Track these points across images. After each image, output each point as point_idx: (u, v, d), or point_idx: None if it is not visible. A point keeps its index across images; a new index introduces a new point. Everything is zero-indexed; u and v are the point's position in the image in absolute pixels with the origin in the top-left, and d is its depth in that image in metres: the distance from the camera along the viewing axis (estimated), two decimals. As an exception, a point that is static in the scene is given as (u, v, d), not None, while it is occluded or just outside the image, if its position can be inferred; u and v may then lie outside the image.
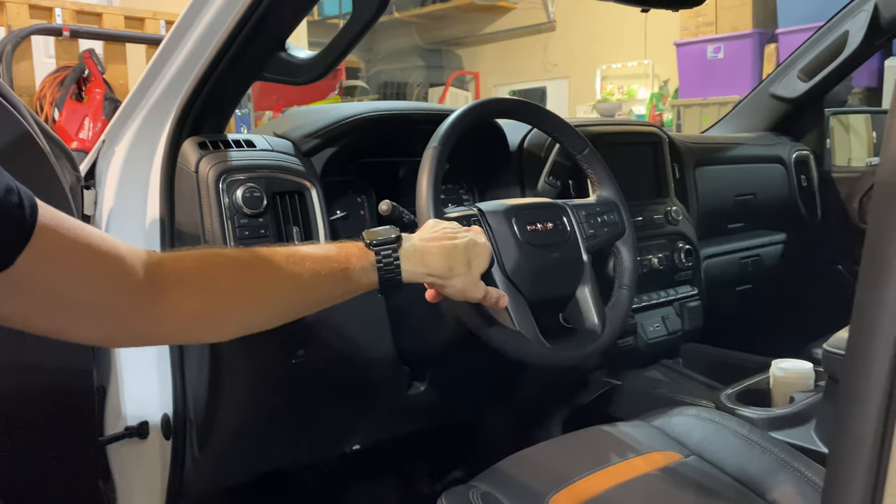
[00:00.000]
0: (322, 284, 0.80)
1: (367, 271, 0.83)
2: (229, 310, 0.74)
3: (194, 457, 1.13)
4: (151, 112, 1.11)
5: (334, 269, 0.80)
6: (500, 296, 0.96)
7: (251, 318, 0.77)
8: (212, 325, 0.74)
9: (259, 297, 0.76)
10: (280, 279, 0.77)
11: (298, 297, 0.80)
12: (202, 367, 1.08)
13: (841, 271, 1.98)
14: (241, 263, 0.76)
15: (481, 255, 0.93)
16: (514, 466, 1.03)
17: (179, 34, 1.03)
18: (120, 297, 0.64)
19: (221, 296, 0.73)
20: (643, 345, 1.46)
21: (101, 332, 0.67)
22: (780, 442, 1.04)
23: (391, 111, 1.22)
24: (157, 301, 0.66)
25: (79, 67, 3.32)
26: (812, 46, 1.92)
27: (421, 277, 0.89)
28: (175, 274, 0.69)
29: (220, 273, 0.73)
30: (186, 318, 0.70)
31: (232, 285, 0.74)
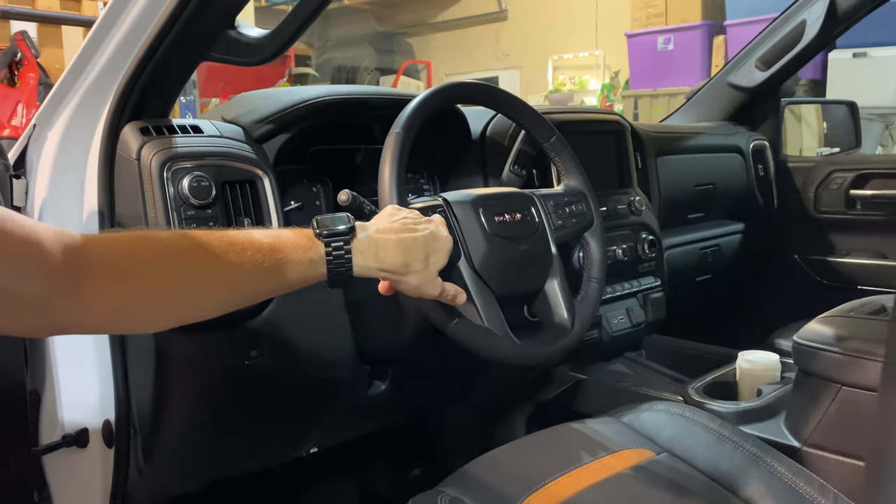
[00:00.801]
0: (264, 276, 0.74)
1: (315, 264, 0.78)
2: (161, 300, 0.69)
3: (139, 465, 1.05)
4: (88, 94, 1.02)
5: (279, 260, 0.75)
6: (457, 292, 0.91)
7: (185, 309, 0.72)
8: (141, 315, 0.69)
9: (194, 287, 0.71)
10: (219, 269, 0.72)
11: (237, 288, 0.74)
12: (147, 369, 1.00)
13: (797, 261, 1.99)
14: (176, 250, 0.70)
15: (441, 251, 0.88)
16: (483, 469, 0.98)
17: (118, 8, 0.94)
18: (38, 285, 0.60)
19: (152, 284, 0.68)
20: (607, 338, 1.43)
21: (23, 322, 0.63)
22: (751, 437, 1.02)
23: (348, 95, 1.16)
24: (79, 288, 0.62)
25: (10, 51, 3.15)
26: (769, 35, 1.92)
27: (374, 272, 0.84)
28: (101, 259, 0.65)
29: (153, 260, 0.68)
30: (113, 307, 0.66)
31: (165, 274, 0.69)
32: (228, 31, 0.93)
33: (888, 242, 1.87)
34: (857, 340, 1.03)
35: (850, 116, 2.24)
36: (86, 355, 1.08)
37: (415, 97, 1.02)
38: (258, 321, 1.02)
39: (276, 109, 1.08)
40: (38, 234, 0.60)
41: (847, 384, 1.02)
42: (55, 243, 0.61)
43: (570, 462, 0.97)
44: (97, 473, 1.09)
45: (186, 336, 0.97)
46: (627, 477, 0.96)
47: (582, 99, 6.46)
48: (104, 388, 1.05)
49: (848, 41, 3.96)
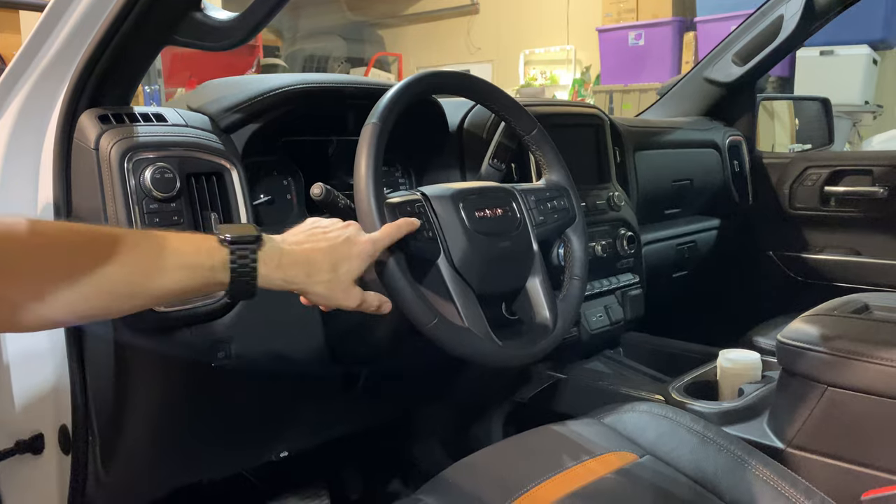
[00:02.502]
0: (156, 279, 0.69)
1: (216, 271, 0.73)
2: (29, 298, 0.63)
3: (98, 473, 0.99)
4: (42, 79, 0.95)
5: (175, 265, 0.70)
6: (381, 302, 0.86)
7: (60, 310, 0.65)
8: (10, 312, 0.62)
9: (73, 287, 0.64)
10: (105, 268, 0.66)
11: (126, 289, 0.68)
12: (107, 370, 0.95)
13: (772, 257, 1.99)
14: (55, 244, 0.65)
15: (355, 258, 0.82)
16: (463, 475, 0.95)
17: (74, -13, 0.88)
18: None
19: (19, 281, 0.62)
20: (586, 336, 1.40)
21: None
22: (735, 438, 1.00)
23: (322, 83, 1.10)
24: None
25: (-36, 35, 3.03)
26: (746, 30, 1.90)
27: (279, 284, 0.78)
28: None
29: (25, 253, 0.62)
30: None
31: (37, 269, 0.63)
32: (194, 14, 0.87)
33: (862, 239, 1.88)
34: (843, 340, 1.01)
35: (823, 113, 2.24)
36: (40, 356, 1.02)
37: (392, 86, 0.97)
38: (225, 321, 0.97)
39: (245, 97, 1.03)
40: None
41: (833, 384, 1.00)
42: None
43: (553, 466, 0.94)
44: (53, 482, 1.03)
45: (149, 336, 0.92)
46: (611, 481, 0.93)
47: (553, 94, 6.46)
48: (60, 391, 1.00)
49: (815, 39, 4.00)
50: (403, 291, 0.87)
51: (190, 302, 0.92)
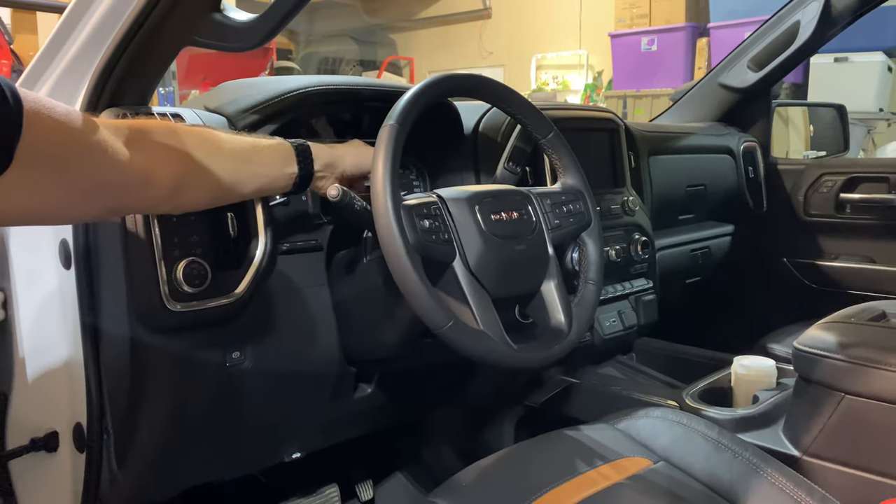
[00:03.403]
0: (256, 165, 0.88)
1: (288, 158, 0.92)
2: (203, 177, 0.81)
3: (112, 471, 1.00)
4: (62, 78, 0.96)
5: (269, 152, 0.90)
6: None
7: (217, 187, 0.84)
8: (190, 191, 0.81)
9: (218, 167, 0.83)
10: (232, 156, 0.86)
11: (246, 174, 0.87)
12: (122, 370, 0.95)
13: (786, 264, 1.98)
14: (198, 131, 0.84)
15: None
16: (475, 478, 0.94)
17: (95, -12, 0.89)
18: (111, 173, 0.69)
19: (195, 164, 0.80)
20: (599, 341, 1.40)
21: (102, 206, 0.73)
22: (750, 445, 0.99)
23: (339, 85, 1.11)
24: (140, 171, 0.73)
25: (-18, 36, 3.06)
26: (762, 36, 1.90)
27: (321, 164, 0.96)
28: (148, 142, 0.75)
29: (188, 137, 0.81)
30: (172, 183, 0.77)
31: (196, 154, 0.80)
32: (213, 14, 0.87)
33: (877, 246, 1.87)
34: (860, 348, 1.00)
35: (838, 120, 2.23)
36: (56, 354, 1.02)
37: (409, 89, 0.97)
38: (240, 322, 0.97)
39: (262, 99, 1.03)
40: (97, 124, 0.68)
41: (850, 392, 0.99)
42: (112, 129, 0.70)
43: (567, 471, 0.94)
44: (67, 479, 1.04)
45: (165, 335, 0.92)
46: (625, 487, 0.93)
47: (565, 98, 6.44)
48: (75, 390, 1.00)
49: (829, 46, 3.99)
50: (419, 293, 0.87)
51: (205, 301, 0.92)
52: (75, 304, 0.96)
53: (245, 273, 0.95)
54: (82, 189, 0.68)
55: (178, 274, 0.89)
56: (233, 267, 0.95)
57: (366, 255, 1.06)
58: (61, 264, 0.98)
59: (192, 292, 0.90)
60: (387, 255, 0.87)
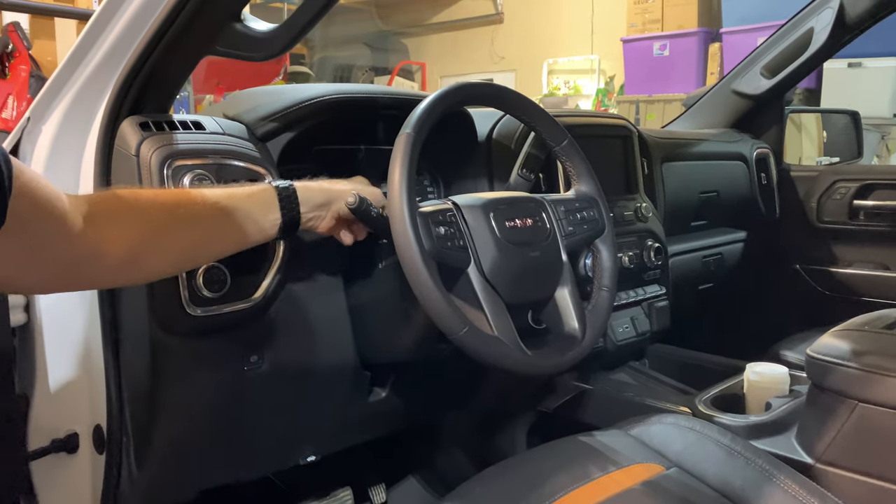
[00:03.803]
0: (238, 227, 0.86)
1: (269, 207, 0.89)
2: (164, 243, 0.79)
3: (131, 472, 1.01)
4: (85, 86, 0.98)
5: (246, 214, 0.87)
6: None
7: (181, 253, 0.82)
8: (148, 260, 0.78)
9: (188, 230, 0.81)
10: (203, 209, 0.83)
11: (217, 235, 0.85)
12: (142, 373, 0.97)
13: (799, 271, 1.98)
14: (164, 197, 0.82)
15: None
16: (488, 483, 0.95)
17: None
18: (67, 246, 0.69)
19: (156, 228, 0.78)
20: (612, 347, 1.40)
21: (54, 279, 0.73)
22: (763, 452, 1.00)
23: (357, 94, 1.12)
24: (98, 240, 0.72)
25: (2, 42, 3.10)
26: (776, 43, 1.90)
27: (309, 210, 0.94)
28: (112, 212, 0.75)
29: (152, 206, 0.79)
30: (127, 254, 0.75)
31: (164, 217, 0.79)
32: (234, 24, 0.89)
33: (892, 254, 1.86)
34: (875, 356, 1.00)
35: (852, 126, 2.23)
36: (77, 357, 1.04)
37: (425, 97, 0.99)
38: (259, 325, 0.98)
39: (281, 107, 1.04)
40: (60, 195, 0.68)
41: (864, 400, 0.99)
42: (72, 208, 0.69)
43: (579, 477, 0.94)
44: (86, 480, 1.05)
45: (184, 339, 0.93)
46: (638, 493, 0.93)
47: (576, 103, 6.45)
48: (95, 392, 1.01)
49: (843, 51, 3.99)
50: (434, 299, 0.88)
51: (224, 306, 0.94)
52: (96, 308, 0.98)
53: (263, 278, 0.97)
54: (38, 260, 0.68)
55: (199, 279, 0.90)
56: (251, 272, 0.97)
57: (381, 261, 1.07)
58: (83, 269, 0.99)
59: (212, 297, 0.92)
60: (403, 262, 0.89)
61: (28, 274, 0.68)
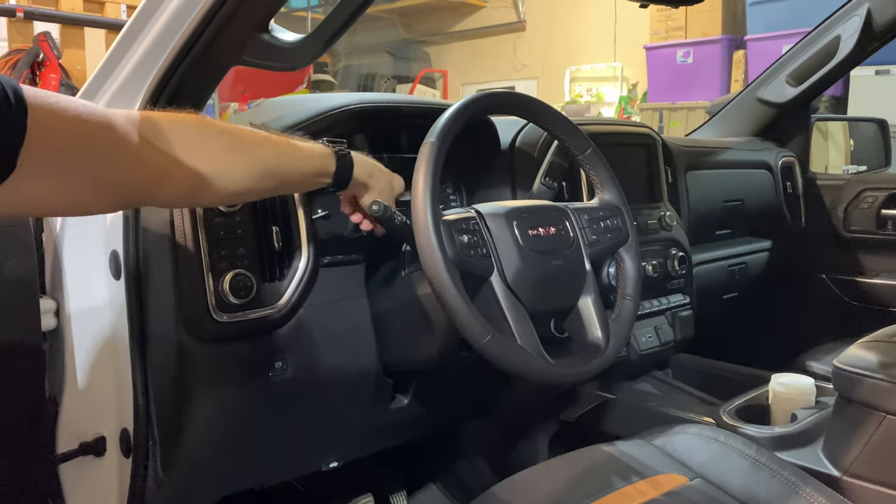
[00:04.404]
0: (290, 162, 0.88)
1: (326, 159, 0.92)
2: (225, 173, 0.79)
3: (157, 476, 1.02)
4: (116, 97, 0.99)
5: (302, 154, 0.89)
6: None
7: (231, 184, 0.81)
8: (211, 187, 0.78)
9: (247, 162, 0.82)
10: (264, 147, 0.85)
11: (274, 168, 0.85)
12: (169, 378, 0.98)
13: (825, 281, 1.95)
14: (229, 128, 0.83)
15: (396, 180, 1.04)
16: (511, 492, 0.95)
17: (150, 9, 0.92)
18: (125, 167, 0.67)
19: (218, 158, 0.78)
20: (635, 356, 1.40)
21: (114, 201, 0.72)
22: (789, 464, 0.99)
23: (382, 103, 1.13)
24: (157, 165, 0.71)
25: (33, 51, 3.15)
26: (801, 51, 1.88)
27: (358, 174, 0.96)
28: (174, 138, 0.73)
29: (216, 137, 0.79)
30: (189, 180, 0.75)
31: (225, 148, 0.79)
32: (262, 35, 0.90)
33: (920, 264, 1.83)
34: (903, 367, 0.99)
35: (879, 134, 2.20)
36: (105, 361, 1.06)
37: (449, 106, 0.99)
38: (284, 332, 0.99)
39: (307, 116, 1.06)
40: (109, 116, 0.66)
41: (892, 412, 0.98)
42: (127, 124, 0.68)
43: (603, 487, 0.94)
44: (113, 483, 1.07)
45: (211, 344, 0.95)
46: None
47: (599, 111, 6.43)
48: (123, 396, 1.03)
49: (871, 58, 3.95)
50: (458, 307, 0.88)
51: (250, 312, 0.95)
52: (124, 314, 0.99)
53: (288, 285, 0.98)
54: (93, 186, 0.66)
55: (225, 285, 0.92)
56: (277, 279, 0.98)
57: (404, 269, 1.08)
58: (111, 275, 1.01)
59: (238, 303, 0.93)
60: (426, 269, 0.89)
61: (88, 197, 0.67)
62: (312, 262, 1.00)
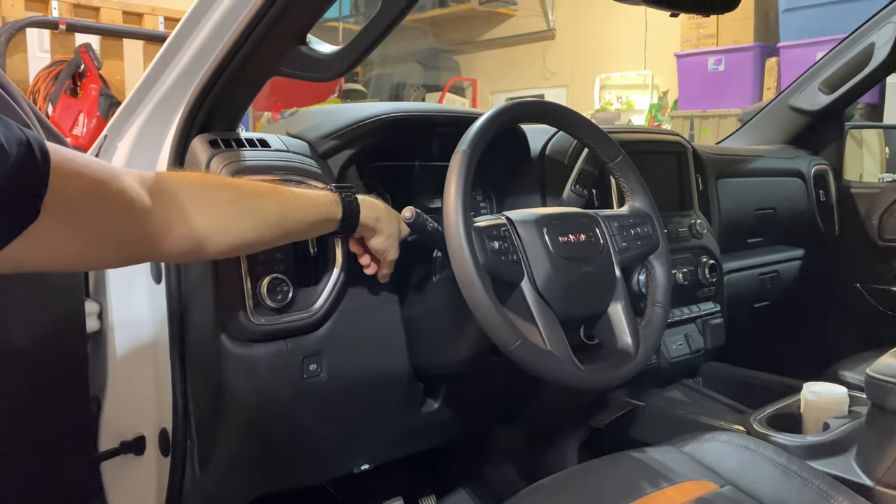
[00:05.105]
0: (294, 213, 0.89)
1: (333, 207, 0.94)
2: (225, 226, 0.82)
3: (194, 475, 1.05)
4: (158, 106, 1.04)
5: (307, 203, 0.91)
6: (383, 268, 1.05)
7: (242, 235, 0.84)
8: (211, 240, 0.80)
9: (249, 216, 0.84)
10: (268, 202, 0.87)
11: (276, 220, 0.87)
12: (207, 379, 1.01)
13: (859, 290, 1.93)
14: (235, 184, 0.87)
15: (402, 223, 1.02)
16: (539, 497, 0.96)
17: (192, 23, 0.96)
18: (131, 223, 0.71)
19: (219, 212, 0.81)
20: (665, 363, 1.39)
21: (121, 256, 0.75)
22: (820, 472, 0.98)
23: (415, 112, 1.16)
24: (162, 222, 0.74)
25: (74, 62, 3.25)
26: (835, 58, 1.87)
27: (366, 218, 0.97)
28: (178, 192, 0.77)
29: (218, 190, 0.82)
30: (188, 234, 0.77)
31: (228, 203, 0.82)
32: (300, 47, 0.93)
33: (957, 273, 1.80)
34: (938, 377, 0.98)
35: (916, 142, 2.17)
36: (145, 363, 1.09)
37: (480, 115, 1.01)
38: (318, 335, 1.02)
39: (342, 125, 1.08)
40: (121, 178, 0.69)
41: (926, 422, 0.97)
42: (136, 184, 0.71)
43: (631, 493, 0.94)
44: (152, 481, 1.10)
45: (249, 347, 0.97)
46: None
47: (629, 118, 6.40)
48: (162, 397, 1.06)
49: (908, 65, 3.89)
50: (488, 312, 0.89)
51: (286, 316, 0.97)
52: (164, 317, 1.03)
53: (323, 289, 1.01)
54: (103, 239, 0.69)
55: (262, 289, 0.94)
56: (312, 284, 1.00)
57: (435, 274, 1.09)
58: (152, 279, 1.05)
59: (275, 307, 0.95)
60: (458, 275, 0.91)
61: (96, 251, 0.70)
62: (346, 266, 1.02)
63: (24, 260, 0.61)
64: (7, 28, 3.02)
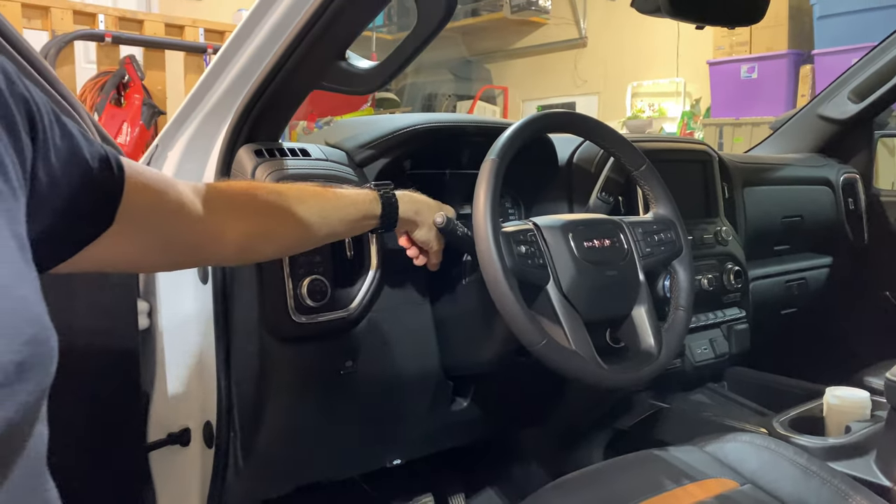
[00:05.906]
0: (335, 212, 0.93)
1: (372, 204, 0.98)
2: (275, 230, 0.87)
3: (238, 467, 1.11)
4: (206, 119, 1.10)
5: (347, 202, 0.95)
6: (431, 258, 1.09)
7: (292, 238, 0.90)
8: (262, 245, 0.86)
9: (297, 219, 0.88)
10: (312, 205, 0.90)
11: (319, 220, 0.91)
12: (250, 375, 1.07)
13: (889, 298, 1.93)
14: (281, 189, 0.90)
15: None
16: (561, 493, 1.00)
17: (239, 40, 1.02)
18: (186, 230, 0.76)
19: (268, 218, 0.86)
20: (690, 367, 1.43)
21: (174, 260, 0.81)
22: (840, 473, 1.00)
23: (448, 123, 1.21)
24: (213, 229, 0.79)
25: (119, 73, 3.36)
26: (864, 67, 1.88)
27: (405, 212, 1.01)
28: (229, 200, 0.82)
29: (267, 196, 0.87)
30: (243, 238, 0.82)
31: (276, 208, 0.86)
32: (340, 63, 0.99)
33: None
34: (957, 381, 1.00)
35: (948, 150, 2.16)
36: (192, 359, 1.15)
37: (509, 126, 1.06)
38: (354, 333, 1.07)
39: (378, 135, 1.14)
40: (179, 188, 0.74)
41: (944, 425, 0.99)
42: (192, 193, 0.77)
43: (652, 488, 0.98)
44: (196, 471, 1.16)
45: (289, 344, 1.03)
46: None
47: (661, 126, 6.38)
48: (207, 391, 1.12)
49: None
50: (515, 313, 0.94)
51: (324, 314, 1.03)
52: (210, 315, 1.09)
53: (359, 290, 1.06)
54: (161, 244, 0.74)
55: (303, 289, 1.00)
56: (349, 284, 1.06)
57: (465, 277, 1.14)
58: (199, 280, 1.11)
59: (314, 306, 1.01)
60: (486, 278, 0.96)
61: (154, 255, 0.75)
62: (381, 268, 1.08)
63: (97, 260, 0.67)
64: (57, 41, 3.15)
